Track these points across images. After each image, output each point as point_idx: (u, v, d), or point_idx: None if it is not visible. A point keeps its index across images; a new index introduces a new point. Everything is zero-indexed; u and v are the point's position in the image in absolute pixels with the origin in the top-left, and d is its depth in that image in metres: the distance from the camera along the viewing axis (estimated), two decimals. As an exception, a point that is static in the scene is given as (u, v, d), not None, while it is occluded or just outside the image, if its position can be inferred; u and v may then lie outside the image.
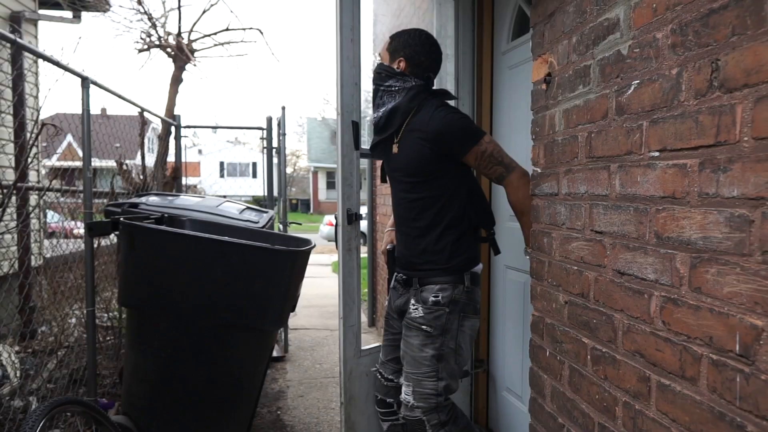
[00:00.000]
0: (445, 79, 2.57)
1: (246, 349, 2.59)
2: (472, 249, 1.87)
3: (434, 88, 1.97)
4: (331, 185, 34.67)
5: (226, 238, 2.65)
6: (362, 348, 2.19)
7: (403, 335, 1.87)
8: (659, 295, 1.07)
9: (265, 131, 5.18)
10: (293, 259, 2.58)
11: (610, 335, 1.24)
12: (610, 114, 1.23)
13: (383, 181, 2.14)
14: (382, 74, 1.91)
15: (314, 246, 2.88)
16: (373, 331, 5.44)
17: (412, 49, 1.87)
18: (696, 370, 0.96)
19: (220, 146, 34.29)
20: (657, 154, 1.07)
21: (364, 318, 5.91)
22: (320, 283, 8.37)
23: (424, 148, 1.78)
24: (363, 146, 2.15)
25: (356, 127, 2.04)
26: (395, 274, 2.03)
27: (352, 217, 2.06)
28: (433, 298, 1.79)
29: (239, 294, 2.42)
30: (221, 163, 34.61)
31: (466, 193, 1.86)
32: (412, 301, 1.85)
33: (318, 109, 60.13)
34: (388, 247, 2.12)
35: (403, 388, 1.84)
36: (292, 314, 3.06)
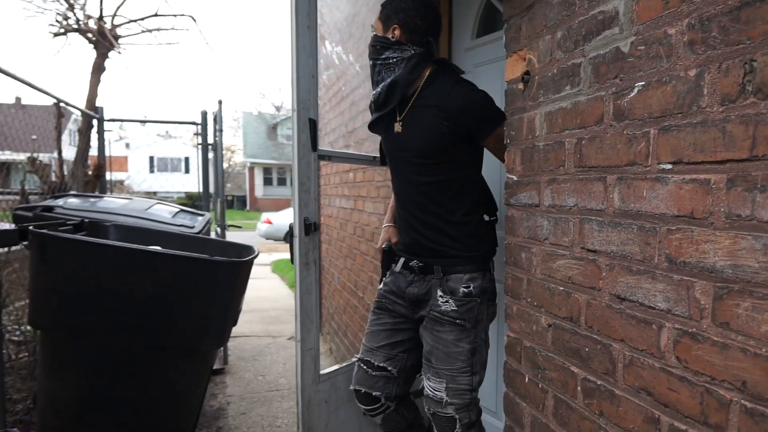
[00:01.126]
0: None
1: (182, 373, 2.32)
2: (492, 234, 1.78)
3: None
4: (268, 181, 33.87)
5: (157, 249, 2.35)
6: (321, 372, 1.98)
7: (429, 329, 1.72)
8: (672, 327, 0.94)
9: (199, 126, 4.82)
10: (235, 270, 2.34)
11: (606, 367, 1.11)
12: (606, 119, 1.10)
13: (383, 163, 2.00)
14: (377, 47, 1.74)
15: (257, 254, 2.63)
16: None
17: (406, 14, 1.69)
18: (723, 418, 0.84)
19: (149, 140, 32.63)
20: (669, 166, 0.94)
21: (308, 323, 5.65)
22: (260, 285, 8.03)
23: (442, 126, 1.62)
24: (321, 147, 1.94)
25: (314, 125, 1.83)
26: (402, 259, 1.85)
27: (311, 227, 1.84)
28: (465, 289, 1.66)
29: (173, 312, 2.15)
30: (151, 158, 32.97)
31: (479, 176, 1.77)
32: (439, 293, 1.70)
33: (254, 103, 58.66)
34: (384, 246, 1.96)
35: (430, 383, 1.71)
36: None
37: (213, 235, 4.47)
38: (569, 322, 1.23)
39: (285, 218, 16.14)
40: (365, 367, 1.86)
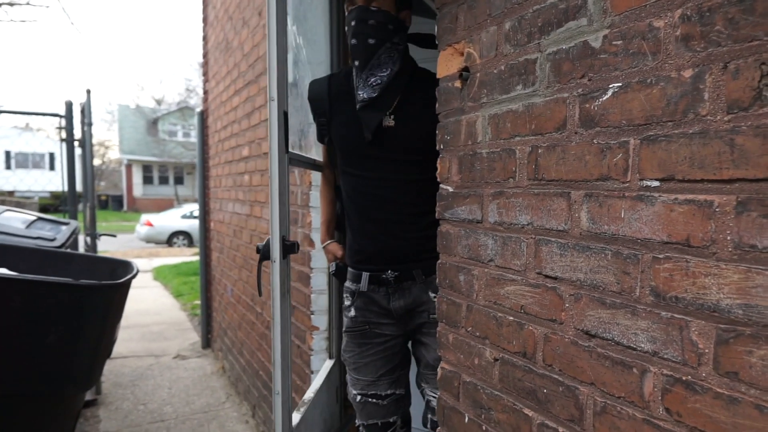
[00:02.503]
0: (313, 69, 2.14)
1: (39, 423, 1.88)
2: None
3: None
4: (148, 180, 31.51)
5: (2, 272, 1.89)
6: (293, 425, 1.66)
7: (432, 334, 1.53)
8: (660, 372, 0.80)
9: (63, 119, 4.16)
10: (107, 296, 1.94)
11: (571, 413, 0.95)
12: (570, 125, 0.94)
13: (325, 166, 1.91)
14: (388, 26, 1.56)
15: (136, 273, 2.23)
16: (208, 353, 4.76)
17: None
18: (731, 486, 0.70)
19: (4, 132, 28.86)
20: (655, 183, 0.79)
21: (196, 338, 5.18)
22: (140, 296, 7.28)
23: (437, 120, 1.47)
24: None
25: (286, 120, 1.53)
26: (367, 275, 1.68)
27: (292, 248, 1.52)
28: None
29: (25, 351, 1.72)
30: (7, 153, 29.21)
31: None
32: (431, 295, 1.60)
33: (132, 96, 54.34)
34: (332, 270, 1.82)
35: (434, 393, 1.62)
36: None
37: (81, 247, 3.87)
38: (522, 358, 1.07)
39: (167, 220, 15.01)
40: (374, 400, 1.72)
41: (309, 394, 1.99)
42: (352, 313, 1.72)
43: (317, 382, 2.08)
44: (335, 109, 1.70)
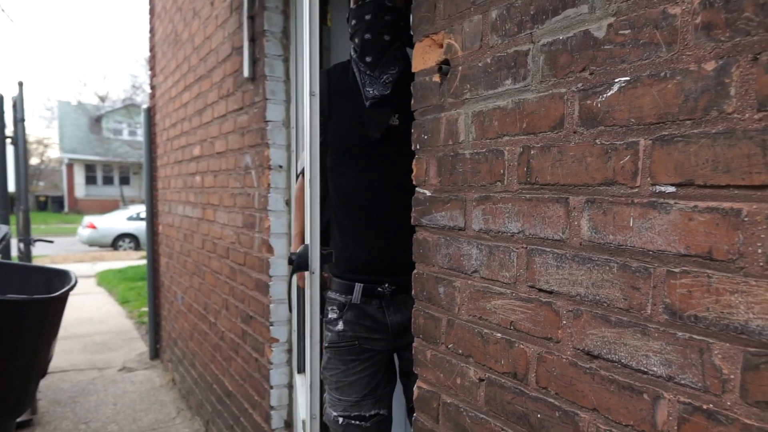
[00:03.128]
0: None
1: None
2: None
3: None
4: (91, 180, 30.13)
5: None
6: None
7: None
8: (675, 399, 0.71)
9: (-7, 114, 3.81)
10: (42, 311, 1.74)
11: (570, 441, 0.86)
12: (569, 123, 0.85)
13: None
14: (400, 23, 1.50)
15: (75, 283, 2.03)
16: (156, 364, 4.50)
17: None
18: None
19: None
20: (671, 189, 0.71)
21: (144, 348, 4.90)
22: (82, 303, 6.86)
23: None
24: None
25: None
26: (360, 286, 1.56)
27: (329, 258, 1.41)
28: None
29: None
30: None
31: None
32: None
33: (73, 92, 51.87)
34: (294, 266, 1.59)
35: None
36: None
37: (14, 254, 3.56)
38: (512, 379, 0.97)
39: (112, 222, 14.33)
40: (357, 422, 1.59)
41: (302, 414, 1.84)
42: (340, 326, 1.59)
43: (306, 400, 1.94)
44: (335, 105, 1.58)
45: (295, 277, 1.52)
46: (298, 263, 1.36)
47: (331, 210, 1.62)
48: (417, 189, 1.22)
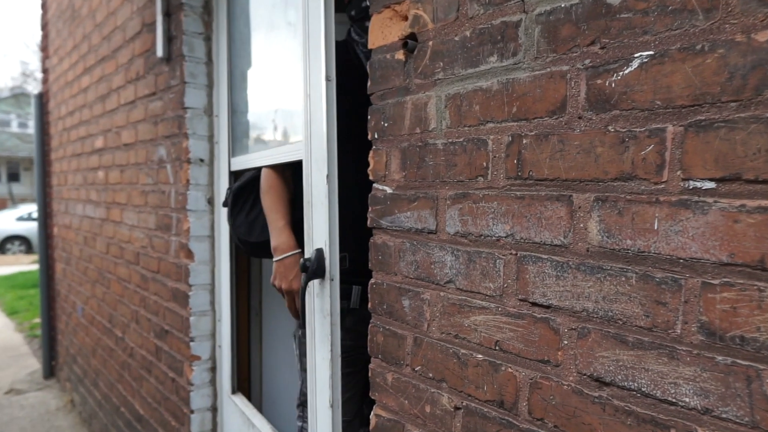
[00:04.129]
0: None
1: None
2: None
3: None
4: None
5: None
6: None
7: None
8: (714, 436, 0.60)
9: None
10: None
11: (573, 482, 0.73)
12: (572, 107, 0.72)
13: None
14: None
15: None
16: (51, 384, 3.99)
17: None
18: None
19: None
20: (710, 184, 0.59)
21: (37, 366, 4.35)
22: (-39, 317, 6.03)
23: None
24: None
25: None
26: (359, 289, 1.39)
27: (343, 262, 1.23)
28: None
29: None
30: None
31: None
32: None
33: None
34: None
35: None
36: None
37: None
38: (497, 408, 0.83)
39: None
40: None
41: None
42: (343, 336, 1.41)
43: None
44: (338, 85, 1.36)
45: (317, 287, 1.29)
46: (314, 270, 1.17)
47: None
48: (375, 185, 1.05)
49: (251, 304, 1.97)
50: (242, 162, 1.67)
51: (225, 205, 1.60)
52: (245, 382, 1.96)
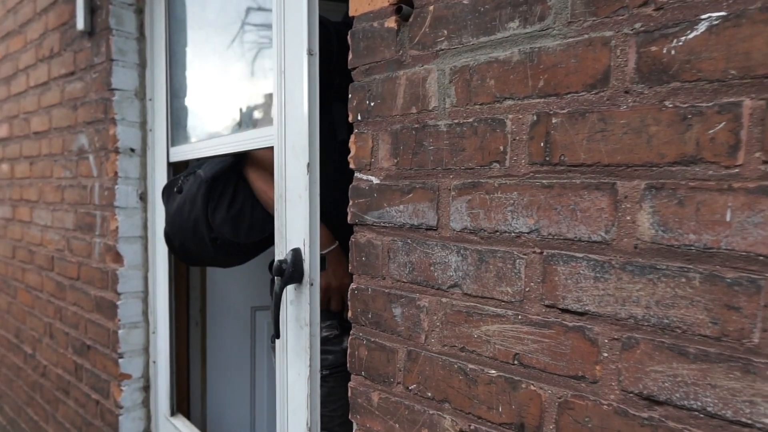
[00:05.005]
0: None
1: None
2: None
3: None
4: None
5: None
6: None
7: None
8: (802, 463, 0.51)
9: None
10: None
11: None
12: (616, 80, 0.61)
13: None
14: None
15: None
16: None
17: None
18: None
19: None
20: (799, 168, 0.50)
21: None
22: None
23: None
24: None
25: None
26: None
27: (323, 264, 1.04)
28: None
29: None
30: None
31: None
32: None
33: None
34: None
35: None
36: None
37: None
38: (516, 433, 0.71)
39: None
40: None
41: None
42: (347, 344, 1.19)
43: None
44: (342, 68, 1.15)
45: (291, 294, 1.07)
46: (291, 273, 0.99)
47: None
48: (357, 175, 0.90)
49: (190, 313, 1.75)
50: (185, 152, 1.47)
51: (203, 198, 1.29)
52: (185, 402, 1.74)
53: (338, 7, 1.40)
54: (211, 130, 1.41)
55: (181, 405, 1.72)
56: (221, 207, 1.21)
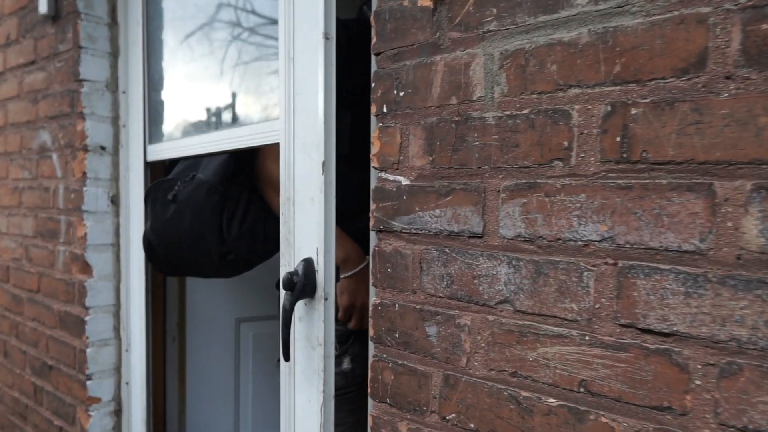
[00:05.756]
0: None
1: None
2: None
3: None
4: None
5: None
6: None
7: None
8: None
9: None
10: None
11: None
12: (715, 64, 0.53)
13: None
14: None
15: None
16: None
17: None
18: None
19: None
20: None
21: None
22: None
23: None
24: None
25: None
26: None
27: (338, 277, 0.92)
28: None
29: None
30: None
31: None
32: None
33: None
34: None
35: None
36: None
37: None
38: (583, 472, 0.62)
39: None
40: None
41: None
42: (347, 365, 1.10)
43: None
44: (348, 71, 1.02)
45: (300, 309, 0.92)
46: (303, 287, 0.86)
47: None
48: (381, 175, 0.80)
49: (167, 328, 1.60)
50: (166, 150, 1.32)
51: (215, 209, 1.14)
52: (161, 426, 1.58)
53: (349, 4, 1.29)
54: (198, 125, 1.28)
55: (158, 429, 1.56)
56: (235, 220, 1.08)
